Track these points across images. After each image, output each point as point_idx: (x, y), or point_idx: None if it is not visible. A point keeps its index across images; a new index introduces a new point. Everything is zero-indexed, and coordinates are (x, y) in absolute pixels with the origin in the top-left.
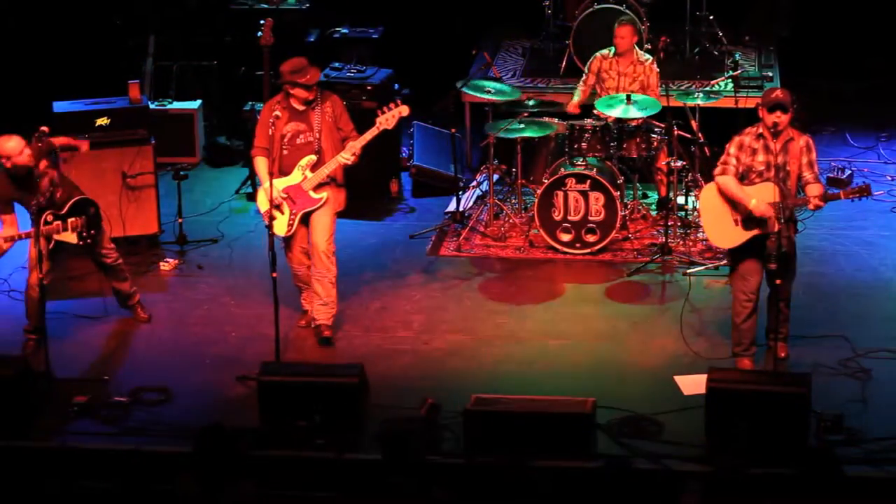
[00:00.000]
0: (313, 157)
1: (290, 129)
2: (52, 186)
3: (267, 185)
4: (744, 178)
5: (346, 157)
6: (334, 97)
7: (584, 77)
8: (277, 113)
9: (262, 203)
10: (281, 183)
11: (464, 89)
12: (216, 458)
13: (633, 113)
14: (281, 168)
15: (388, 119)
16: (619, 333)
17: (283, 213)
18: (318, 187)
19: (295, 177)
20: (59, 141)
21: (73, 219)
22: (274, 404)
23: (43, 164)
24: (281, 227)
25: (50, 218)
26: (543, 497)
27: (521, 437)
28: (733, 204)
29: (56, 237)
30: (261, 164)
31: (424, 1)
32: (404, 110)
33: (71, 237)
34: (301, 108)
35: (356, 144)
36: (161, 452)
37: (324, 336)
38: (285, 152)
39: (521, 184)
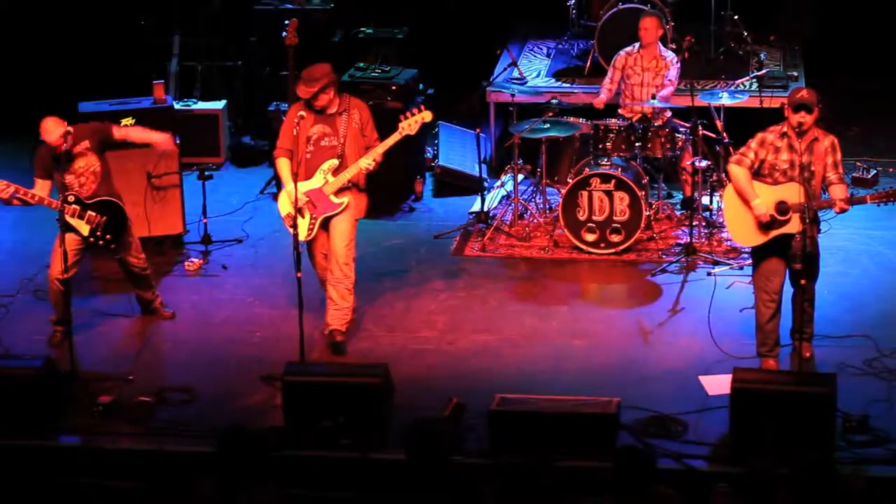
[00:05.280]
0: (335, 162)
1: (316, 132)
2: (86, 173)
3: (289, 187)
4: (768, 175)
5: (368, 162)
6: (361, 104)
7: (609, 75)
8: (302, 113)
9: (283, 206)
10: (303, 186)
11: (489, 89)
12: (238, 459)
13: (658, 103)
14: (305, 171)
15: (410, 125)
16: (644, 333)
17: (303, 216)
18: (340, 192)
19: (317, 180)
20: (134, 134)
21: (92, 213)
22: (298, 404)
23: (84, 144)
24: (302, 230)
25: (71, 199)
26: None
27: (546, 438)
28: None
29: (69, 219)
30: (283, 165)
31: (445, 5)
32: (427, 116)
33: (83, 227)
34: (330, 110)
35: (378, 150)
36: (185, 452)
37: (336, 341)
38: (309, 155)
39: (545, 184)
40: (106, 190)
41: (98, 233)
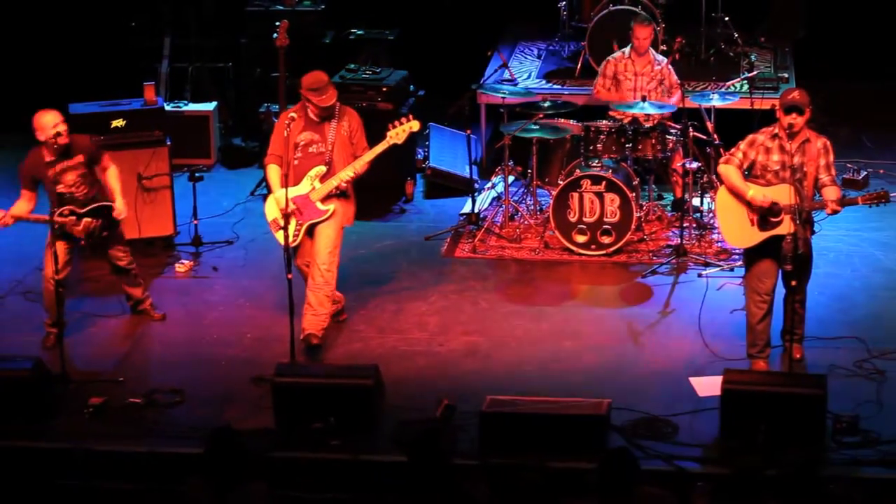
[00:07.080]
0: (323, 168)
1: (305, 138)
2: (80, 183)
3: (277, 193)
4: (760, 177)
5: (349, 174)
6: (353, 112)
7: (597, 80)
8: (293, 114)
9: (270, 211)
10: (290, 192)
11: (479, 91)
12: (225, 459)
13: (650, 109)
14: (293, 177)
15: (398, 133)
16: (634, 335)
17: (289, 223)
18: (326, 199)
19: (303, 187)
20: (110, 178)
21: (88, 219)
22: (289, 406)
23: (79, 158)
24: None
25: (66, 212)
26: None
27: (537, 439)
28: (749, 204)
29: (67, 229)
30: (273, 171)
31: (440, 2)
32: (415, 126)
33: (80, 233)
34: (317, 119)
35: (364, 158)
36: (175, 454)
37: (312, 344)
38: (297, 161)
39: (536, 185)
40: (99, 189)
41: (94, 236)
